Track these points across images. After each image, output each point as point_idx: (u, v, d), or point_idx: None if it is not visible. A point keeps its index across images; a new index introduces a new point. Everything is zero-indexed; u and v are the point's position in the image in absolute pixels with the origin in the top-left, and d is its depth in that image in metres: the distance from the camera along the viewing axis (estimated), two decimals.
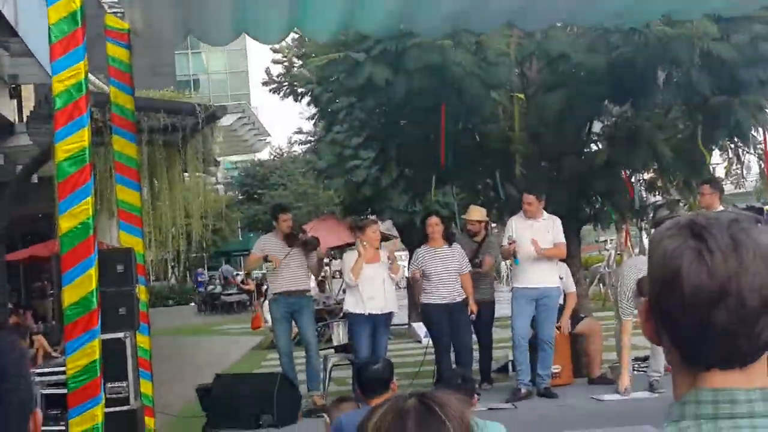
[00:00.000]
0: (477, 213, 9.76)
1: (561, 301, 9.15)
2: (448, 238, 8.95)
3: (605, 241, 32.69)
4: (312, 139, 18.83)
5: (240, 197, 39.11)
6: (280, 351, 8.99)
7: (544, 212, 8.62)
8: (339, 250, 17.70)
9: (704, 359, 1.22)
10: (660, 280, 1.23)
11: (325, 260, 14.60)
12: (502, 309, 9.90)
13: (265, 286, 19.39)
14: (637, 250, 18.85)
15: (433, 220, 8.90)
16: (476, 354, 9.36)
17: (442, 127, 9.07)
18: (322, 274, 18.86)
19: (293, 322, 9.13)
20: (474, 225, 9.64)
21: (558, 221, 8.62)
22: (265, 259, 8.98)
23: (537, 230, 8.47)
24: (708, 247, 1.19)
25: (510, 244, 8.38)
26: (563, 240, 8.59)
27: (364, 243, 8.70)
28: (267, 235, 9.50)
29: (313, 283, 14.24)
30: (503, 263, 26.52)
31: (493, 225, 12.44)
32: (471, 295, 8.82)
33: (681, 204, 11.46)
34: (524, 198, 8.59)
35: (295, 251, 8.96)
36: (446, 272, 8.75)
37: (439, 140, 9.39)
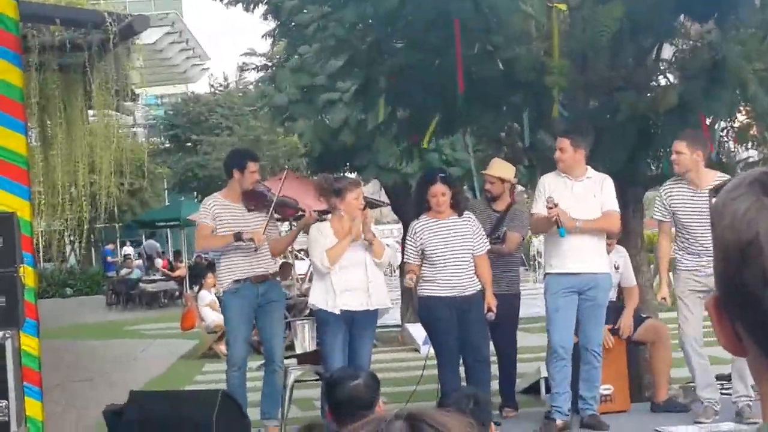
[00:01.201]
0: (501, 168, 9.76)
1: (612, 297, 9.21)
2: (458, 205, 8.86)
3: None
4: (269, 64, 18.77)
5: (167, 145, 38.93)
6: (232, 361, 8.97)
7: (590, 169, 8.63)
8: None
9: None
10: (731, 255, 1.28)
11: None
12: (529, 306, 9.90)
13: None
14: None
15: (439, 188, 8.74)
16: (495, 368, 9.39)
17: (457, 42, 8.98)
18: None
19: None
20: (495, 185, 9.65)
21: (609, 181, 8.61)
22: (238, 237, 8.67)
23: (579, 193, 8.48)
24: None
25: (550, 207, 8.27)
26: (616, 207, 8.57)
27: (342, 213, 8.65)
28: (216, 196, 9.25)
29: None
30: (534, 242, 26.59)
31: (521, 189, 12.45)
32: (489, 285, 8.79)
33: None
34: (557, 142, 8.60)
35: (270, 215, 8.94)
36: (455, 252, 8.70)
37: (447, 67, 9.32)
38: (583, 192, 8.49)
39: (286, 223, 17.60)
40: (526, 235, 9.96)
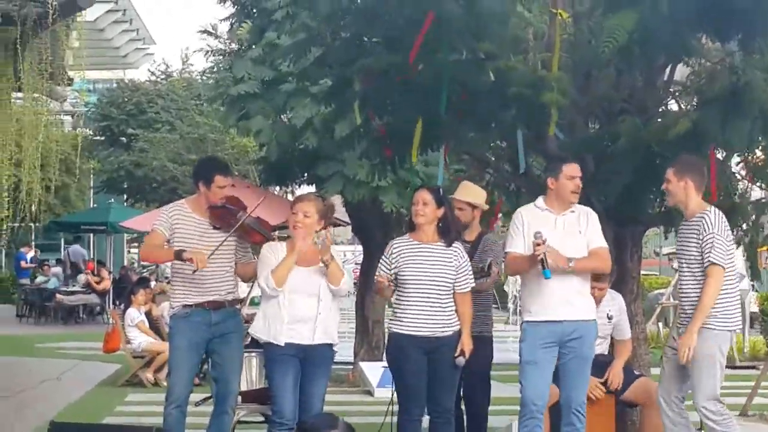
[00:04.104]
0: (472, 193, 9.68)
1: (604, 350, 9.35)
2: (447, 232, 8.70)
3: (670, 254, 31.81)
4: (225, 49, 18.35)
5: (96, 137, 38.41)
6: (173, 397, 8.74)
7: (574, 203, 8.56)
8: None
9: None
10: None
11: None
12: (499, 350, 9.80)
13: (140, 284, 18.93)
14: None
15: (421, 195, 8.66)
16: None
17: (421, 33, 8.98)
18: None
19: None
20: (464, 211, 9.51)
21: (594, 215, 8.59)
22: (179, 256, 8.51)
23: (564, 228, 8.41)
24: None
25: (538, 244, 8.12)
26: (604, 244, 8.54)
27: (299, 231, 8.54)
28: (182, 204, 9.08)
29: None
30: (510, 279, 26.41)
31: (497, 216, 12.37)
32: (468, 326, 8.64)
33: None
34: (565, 170, 8.46)
35: (226, 239, 8.78)
36: (433, 285, 8.55)
37: (431, 74, 9.35)
38: (568, 227, 8.42)
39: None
40: (501, 270, 9.76)
